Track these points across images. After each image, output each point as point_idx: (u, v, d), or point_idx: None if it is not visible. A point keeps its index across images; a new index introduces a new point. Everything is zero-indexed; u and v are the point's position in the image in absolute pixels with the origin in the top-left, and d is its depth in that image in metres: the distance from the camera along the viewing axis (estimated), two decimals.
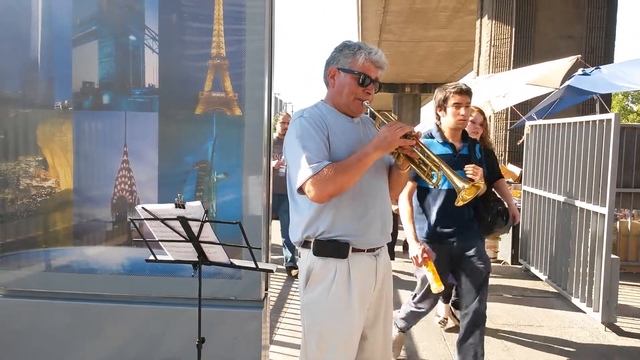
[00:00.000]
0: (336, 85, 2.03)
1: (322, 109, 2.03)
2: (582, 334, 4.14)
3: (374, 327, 2.08)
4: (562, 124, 5.20)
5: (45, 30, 2.72)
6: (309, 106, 2.09)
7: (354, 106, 2.01)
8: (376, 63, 1.99)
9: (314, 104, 2.09)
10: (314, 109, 2.04)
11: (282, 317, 4.34)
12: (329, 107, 2.05)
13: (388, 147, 1.86)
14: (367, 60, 1.97)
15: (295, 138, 1.93)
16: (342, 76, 2.01)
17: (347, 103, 2.01)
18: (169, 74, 2.68)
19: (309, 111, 2.01)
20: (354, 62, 1.98)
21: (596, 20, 9.36)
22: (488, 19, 9.99)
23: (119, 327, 2.75)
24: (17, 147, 2.79)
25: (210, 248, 2.06)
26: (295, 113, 2.06)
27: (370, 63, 1.98)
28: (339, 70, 2.01)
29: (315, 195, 1.85)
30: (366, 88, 1.99)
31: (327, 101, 2.08)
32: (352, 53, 1.99)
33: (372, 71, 1.99)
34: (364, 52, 1.98)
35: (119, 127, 2.72)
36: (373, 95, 2.03)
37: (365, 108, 2.04)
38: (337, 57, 2.03)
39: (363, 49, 1.99)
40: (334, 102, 2.05)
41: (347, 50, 2.01)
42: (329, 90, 2.07)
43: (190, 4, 2.67)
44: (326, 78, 2.07)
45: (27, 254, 2.80)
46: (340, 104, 2.03)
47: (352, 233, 1.95)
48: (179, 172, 2.71)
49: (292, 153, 1.94)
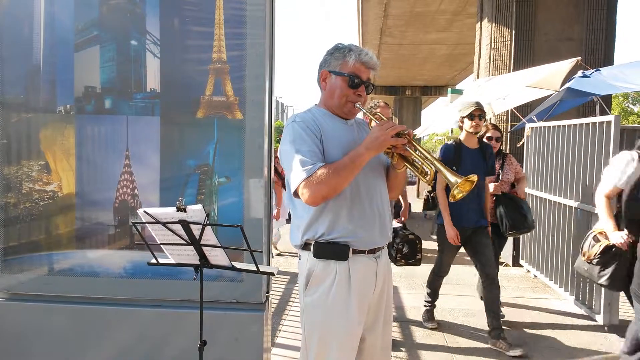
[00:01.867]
0: (328, 88, 2.04)
1: (315, 113, 2.05)
2: (583, 336, 4.14)
3: (373, 329, 2.08)
4: (563, 126, 5.21)
5: (47, 36, 2.74)
6: (302, 111, 2.10)
7: (346, 108, 2.02)
8: (366, 64, 1.99)
9: (308, 109, 2.11)
10: (306, 113, 2.05)
11: (284, 320, 4.35)
12: (322, 110, 2.07)
13: (380, 147, 1.87)
14: (357, 61, 1.98)
15: (288, 143, 1.95)
16: (333, 79, 2.02)
17: (339, 105, 2.02)
18: (170, 78, 2.70)
19: (302, 116, 2.03)
20: (344, 64, 1.99)
21: (596, 22, 9.37)
22: (488, 22, 10.01)
23: (121, 330, 2.76)
24: (20, 151, 2.81)
25: (211, 251, 2.07)
26: (289, 118, 2.07)
27: (360, 64, 1.98)
28: (330, 72, 2.03)
29: (308, 197, 1.85)
30: (357, 90, 1.99)
31: (320, 104, 2.10)
32: (343, 55, 2.00)
33: (363, 72, 2.00)
34: (354, 54, 1.98)
35: (120, 131, 2.74)
36: (365, 97, 2.04)
37: (357, 110, 2.04)
38: (328, 60, 2.04)
39: (353, 51, 1.99)
40: (326, 104, 2.06)
41: (338, 52, 2.02)
42: (322, 93, 2.09)
43: (191, 8, 2.69)
44: (319, 81, 2.09)
45: (30, 258, 2.82)
46: (332, 107, 2.04)
47: (351, 234, 1.95)
48: (180, 175, 2.72)
49: (286, 158, 1.96)
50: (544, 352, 3.78)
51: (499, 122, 9.34)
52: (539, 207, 5.75)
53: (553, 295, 5.17)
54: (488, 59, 9.91)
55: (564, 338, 4.07)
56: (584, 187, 4.72)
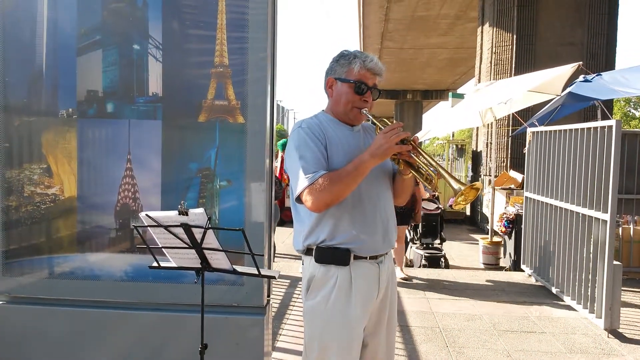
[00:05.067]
0: (334, 95, 2.05)
1: (322, 119, 2.06)
2: (584, 341, 4.13)
3: (375, 335, 2.06)
4: (564, 131, 5.21)
5: (50, 40, 2.75)
6: (308, 117, 2.11)
7: (353, 114, 2.03)
8: (372, 70, 2.00)
9: (314, 115, 2.12)
10: (313, 119, 2.07)
11: (285, 324, 4.34)
12: (328, 116, 2.08)
13: (384, 154, 1.87)
14: (363, 68, 1.99)
15: (293, 149, 1.96)
16: (339, 86, 2.03)
17: (346, 112, 2.03)
18: (172, 82, 2.71)
19: (308, 122, 2.04)
20: (349, 70, 2.00)
21: (597, 27, 9.39)
22: (489, 26, 10.03)
23: (122, 333, 2.76)
24: (22, 154, 2.82)
25: (213, 254, 2.07)
26: (295, 124, 2.09)
27: (366, 71, 1.99)
28: (336, 80, 2.04)
29: (312, 204, 1.86)
30: (363, 96, 2.00)
31: (327, 111, 2.11)
32: (348, 62, 2.01)
33: (369, 79, 2.00)
34: (359, 61, 1.99)
35: (122, 135, 2.74)
36: (371, 103, 2.05)
37: (364, 116, 2.04)
38: (334, 67, 2.05)
39: (358, 57, 2.00)
40: (333, 111, 2.07)
41: (343, 59, 2.03)
42: (329, 100, 2.10)
43: (193, 12, 2.70)
44: (325, 88, 2.10)
45: (31, 261, 2.82)
46: (339, 113, 2.05)
47: (352, 240, 1.95)
48: (182, 179, 2.73)
49: (290, 163, 1.98)
50: (545, 357, 3.78)
51: (500, 126, 9.36)
52: (540, 211, 5.75)
53: (554, 300, 5.16)
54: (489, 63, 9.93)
55: (565, 342, 4.06)
56: (585, 192, 4.72)
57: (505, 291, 5.64)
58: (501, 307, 4.96)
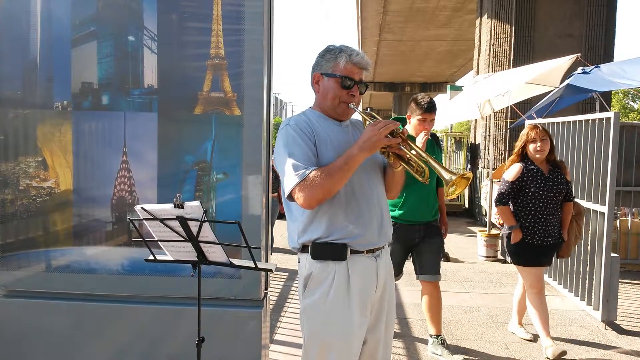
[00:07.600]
0: (321, 90, 2.03)
1: (310, 116, 2.04)
2: (582, 333, 4.14)
3: (374, 331, 2.05)
4: (562, 123, 5.20)
5: (44, 31, 2.72)
6: (296, 114, 2.10)
7: (340, 109, 2.01)
8: (358, 64, 1.98)
9: (302, 112, 2.10)
10: (300, 116, 2.05)
11: (282, 317, 4.35)
12: (316, 112, 2.06)
13: (373, 147, 1.85)
14: (349, 62, 1.97)
15: (282, 146, 1.95)
16: (325, 81, 2.01)
17: (333, 107, 2.01)
18: (168, 74, 2.69)
19: (295, 119, 2.02)
20: (335, 65, 1.98)
21: (596, 18, 9.36)
22: (487, 18, 9.99)
23: (118, 327, 2.75)
24: (17, 147, 2.79)
25: (209, 248, 2.06)
26: (283, 122, 2.07)
27: (352, 65, 1.97)
28: (323, 75, 2.02)
29: (303, 201, 1.85)
30: (350, 90, 1.98)
31: (315, 107, 2.09)
32: (334, 57, 1.99)
33: (355, 73, 1.98)
34: (344, 55, 1.97)
35: (118, 127, 2.72)
36: (359, 97, 2.03)
37: (352, 110, 2.02)
38: (320, 63, 2.04)
39: (344, 52, 1.99)
40: (321, 107, 2.06)
41: (329, 54, 2.01)
42: (316, 96, 2.09)
43: (189, 4, 2.67)
44: (312, 84, 2.08)
45: (27, 255, 2.81)
46: (326, 109, 2.04)
47: (348, 235, 1.94)
48: (178, 172, 2.71)
49: (280, 161, 1.96)
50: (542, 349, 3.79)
51: (498, 118, 9.35)
52: None
53: (551, 292, 5.17)
54: (488, 55, 9.90)
55: (562, 334, 4.08)
56: (583, 184, 4.72)
57: (502, 283, 5.66)
58: (499, 299, 4.97)
